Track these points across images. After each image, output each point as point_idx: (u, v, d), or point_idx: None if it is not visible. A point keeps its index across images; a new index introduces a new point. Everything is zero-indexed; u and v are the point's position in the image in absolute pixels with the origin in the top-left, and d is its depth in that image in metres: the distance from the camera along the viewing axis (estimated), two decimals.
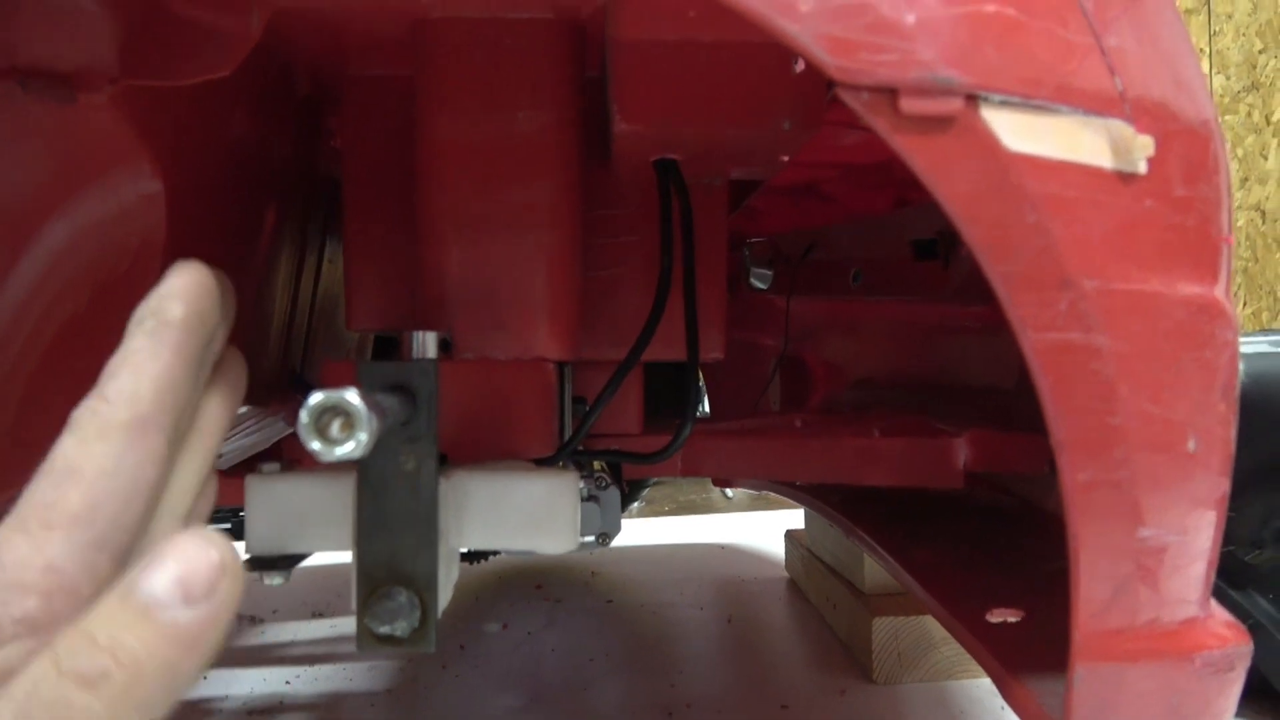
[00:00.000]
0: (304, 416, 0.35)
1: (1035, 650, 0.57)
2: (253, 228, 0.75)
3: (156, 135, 0.57)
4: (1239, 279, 3.16)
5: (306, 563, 1.16)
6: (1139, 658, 0.40)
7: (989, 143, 0.35)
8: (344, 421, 0.35)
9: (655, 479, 1.65)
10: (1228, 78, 3.20)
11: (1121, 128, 0.38)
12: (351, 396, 0.35)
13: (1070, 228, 0.36)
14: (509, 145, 0.66)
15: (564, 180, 0.68)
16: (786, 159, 0.70)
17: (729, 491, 3.68)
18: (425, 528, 0.50)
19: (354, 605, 0.51)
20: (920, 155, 0.35)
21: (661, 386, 0.89)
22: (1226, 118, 3.20)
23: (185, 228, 0.61)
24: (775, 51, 0.60)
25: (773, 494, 1.15)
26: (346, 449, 0.35)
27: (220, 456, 0.78)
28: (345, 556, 0.73)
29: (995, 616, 0.62)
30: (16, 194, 0.55)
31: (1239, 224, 3.16)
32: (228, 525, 2.91)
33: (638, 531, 1.63)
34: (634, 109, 0.62)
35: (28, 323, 0.57)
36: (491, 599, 1.23)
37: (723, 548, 1.51)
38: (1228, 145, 3.21)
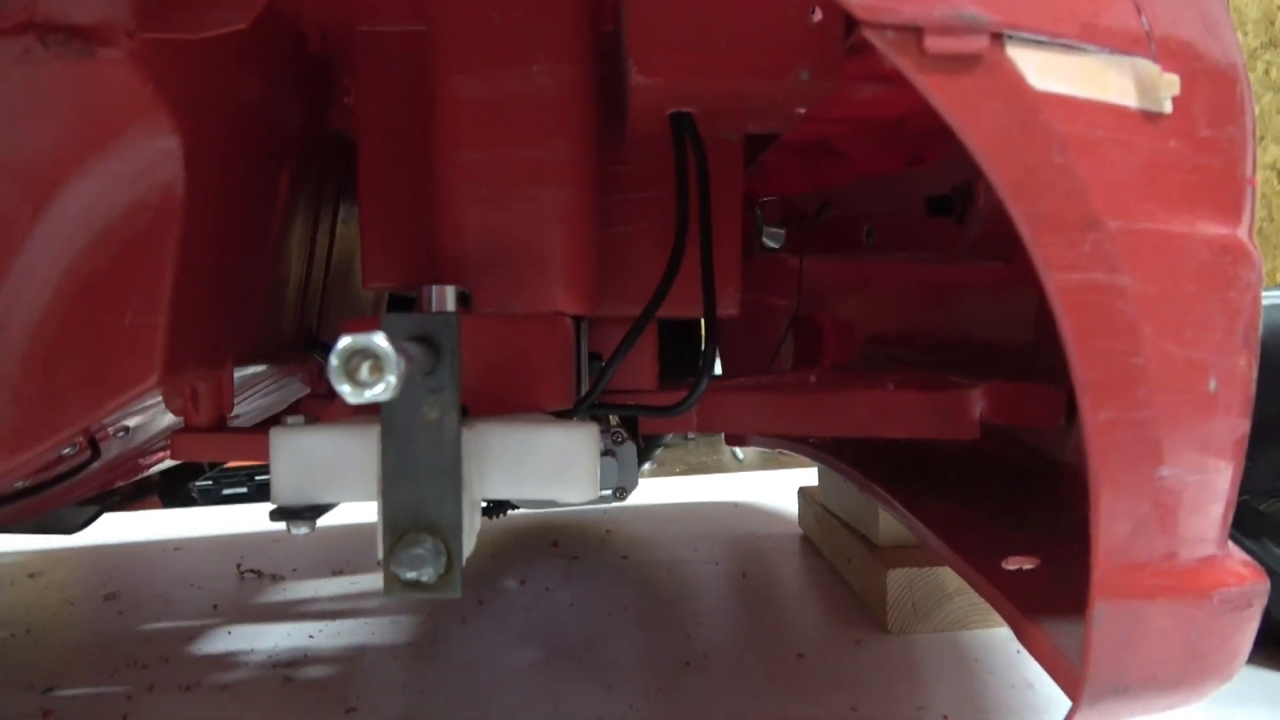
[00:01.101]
0: (334, 360, 0.35)
1: (1050, 596, 0.57)
2: (268, 187, 0.76)
3: (173, 91, 0.57)
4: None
5: (323, 521, 1.17)
6: (1158, 595, 0.40)
7: (1015, 81, 0.35)
8: (372, 365, 0.35)
9: (669, 437, 1.66)
10: (1245, 34, 3.15)
11: (1147, 66, 0.37)
12: (380, 339, 0.35)
13: (1096, 167, 0.36)
14: (524, 100, 0.66)
15: (580, 135, 0.67)
16: (803, 111, 0.69)
17: (739, 453, 3.71)
18: (449, 476, 0.51)
19: (380, 553, 0.52)
20: (945, 94, 0.35)
21: (668, 349, 0.89)
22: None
23: (203, 185, 0.61)
24: (792, 0, 0.60)
25: (784, 454, 1.16)
26: (376, 390, 0.35)
27: (238, 417, 0.79)
28: (363, 515, 0.74)
29: (1011, 564, 0.62)
30: (38, 151, 0.56)
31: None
32: (244, 489, 2.93)
33: (651, 490, 1.64)
34: (650, 61, 0.62)
35: (53, 279, 0.58)
36: (508, 556, 1.25)
37: (736, 505, 1.52)
38: None
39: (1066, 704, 0.46)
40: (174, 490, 1.26)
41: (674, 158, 0.70)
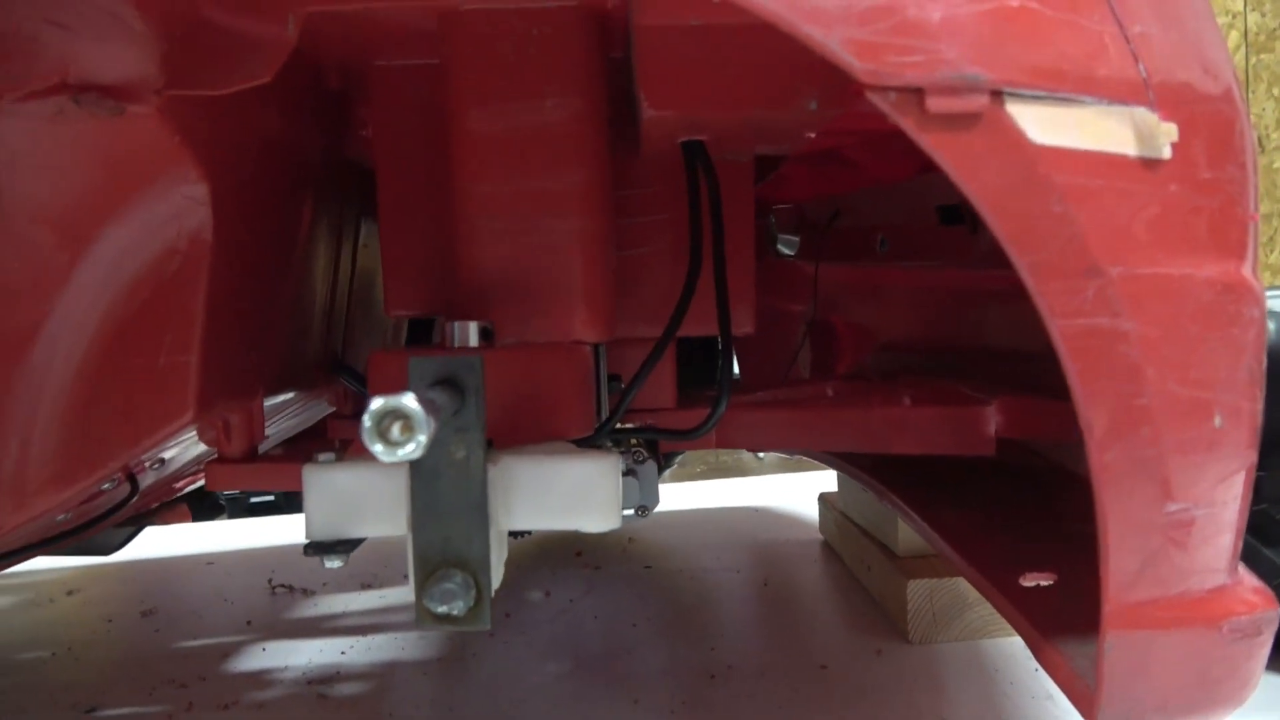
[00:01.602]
0: (367, 421, 0.37)
1: (1068, 613, 0.58)
2: (291, 219, 0.78)
3: (200, 140, 0.59)
4: (1274, 221, 3.10)
5: None
6: (1168, 626, 0.41)
7: (1015, 137, 0.36)
8: (404, 424, 0.37)
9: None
10: (1263, 15, 3.12)
11: (1145, 115, 0.38)
12: (410, 401, 0.37)
13: (1096, 216, 0.37)
14: (538, 133, 0.67)
15: (594, 165, 0.69)
16: (812, 135, 0.70)
17: (760, 454, 3.71)
18: (476, 513, 0.52)
19: (412, 588, 0.53)
20: (948, 152, 0.36)
21: (686, 358, 0.90)
22: (1262, 56, 3.12)
23: (230, 226, 0.63)
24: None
25: (804, 456, 1.17)
26: (407, 450, 0.37)
27: (266, 439, 0.81)
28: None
29: (1028, 580, 0.63)
30: (73, 202, 0.58)
31: (1276, 165, 3.10)
32: (271, 497, 2.97)
33: (671, 496, 1.66)
34: (661, 95, 0.63)
35: (90, 324, 0.60)
36: (533, 567, 1.27)
37: (756, 510, 1.53)
38: (1265, 85, 3.13)
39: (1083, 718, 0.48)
40: (202, 501, 1.29)
41: (686, 182, 0.71)
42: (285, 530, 1.61)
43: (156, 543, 1.56)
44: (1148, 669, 0.42)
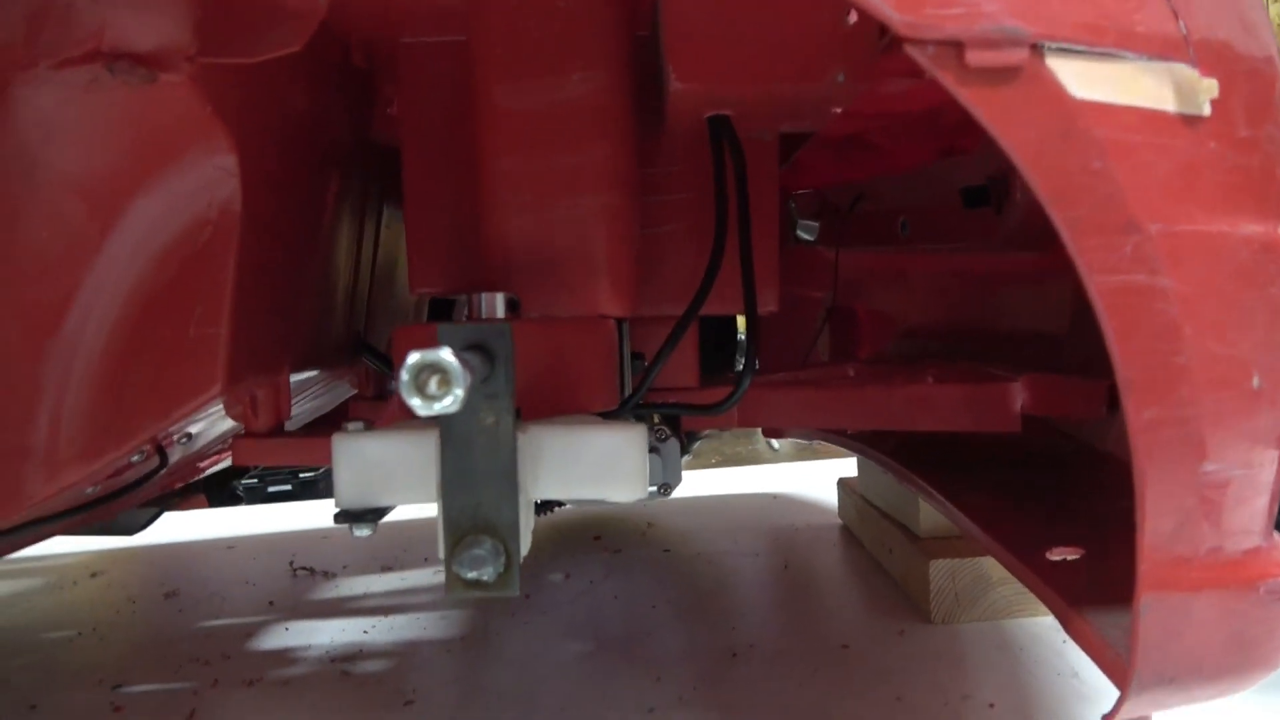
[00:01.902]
0: (404, 375, 0.37)
1: (1094, 586, 0.58)
2: (319, 197, 0.78)
3: (230, 111, 0.59)
4: None
5: None
6: (1203, 587, 0.41)
7: (1054, 91, 0.36)
8: (440, 379, 0.37)
9: (707, 431, 1.67)
10: None
11: (1185, 71, 0.38)
12: (447, 355, 0.37)
13: (1135, 172, 0.37)
14: (564, 107, 0.68)
15: (619, 139, 0.69)
16: (838, 111, 0.70)
17: (775, 443, 3.70)
18: (506, 479, 0.52)
19: (441, 554, 0.54)
20: (986, 106, 0.36)
21: (703, 345, 0.90)
22: None
23: (259, 199, 0.64)
24: (828, 4, 0.61)
25: (819, 445, 1.17)
26: (444, 403, 0.37)
27: (290, 419, 0.81)
28: (410, 514, 0.77)
29: (1055, 555, 0.63)
30: (105, 173, 0.58)
31: None
32: (288, 486, 2.98)
33: (688, 483, 1.65)
34: (689, 66, 0.63)
35: (121, 295, 0.60)
36: (553, 550, 1.27)
37: (774, 497, 1.53)
38: None
39: (1112, 693, 0.47)
40: (220, 488, 1.30)
41: (711, 159, 0.71)
42: (305, 515, 1.62)
43: (176, 527, 1.57)
44: (1183, 630, 0.41)
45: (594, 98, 0.68)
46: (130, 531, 1.12)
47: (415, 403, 0.37)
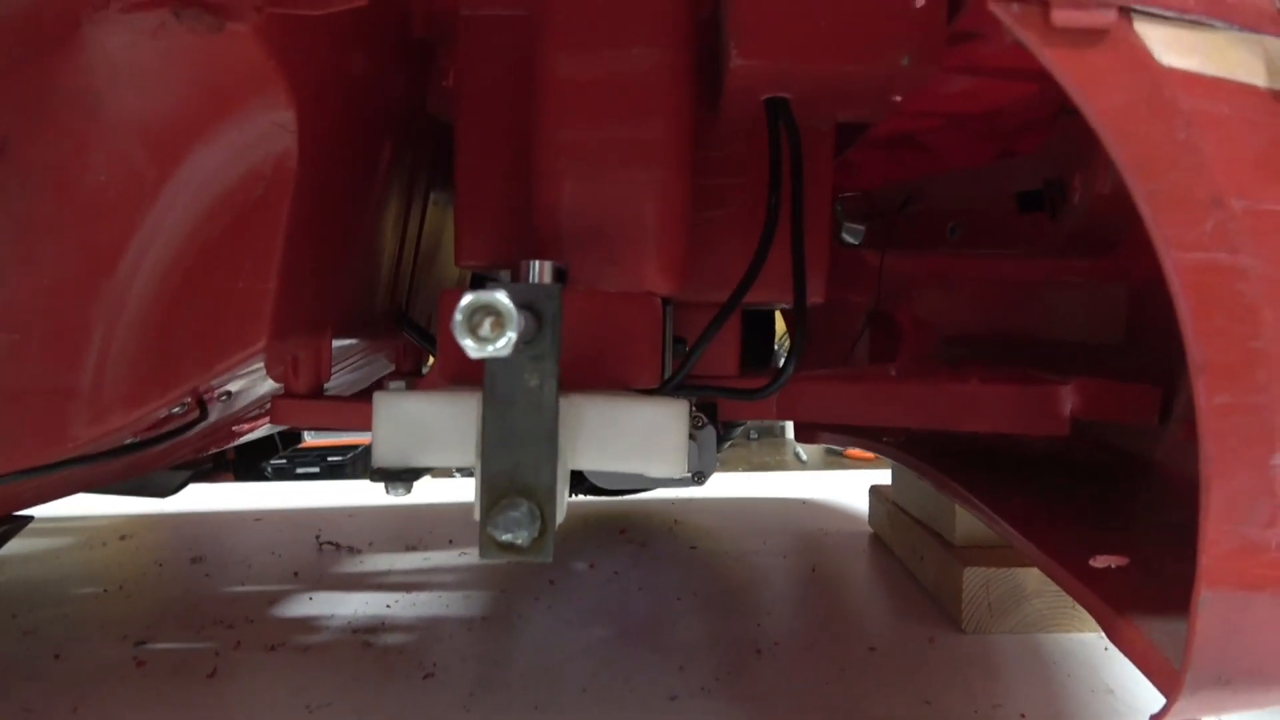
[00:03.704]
0: (458, 315, 0.37)
1: (1140, 596, 0.56)
2: (370, 163, 0.78)
3: (292, 67, 0.59)
4: None
5: (396, 501, 1.20)
6: (1267, 585, 0.40)
7: (1142, 56, 0.35)
8: (494, 321, 0.37)
9: (735, 432, 1.66)
10: None
11: (1278, 45, 0.37)
12: (502, 296, 0.37)
13: (1221, 146, 0.36)
14: (623, 81, 0.67)
15: (677, 116, 0.68)
16: (899, 99, 0.69)
17: (802, 453, 3.68)
18: (547, 441, 0.52)
19: (476, 515, 0.53)
20: (1070, 69, 0.35)
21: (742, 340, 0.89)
22: None
23: (314, 158, 0.64)
24: None
25: (849, 454, 1.15)
26: (498, 345, 0.37)
27: (326, 390, 0.81)
28: (434, 496, 0.76)
29: (1100, 562, 0.61)
30: (167, 119, 0.59)
31: None
32: (316, 469, 3.00)
33: (716, 484, 1.64)
34: (750, 43, 0.62)
35: (175, 242, 0.60)
36: (578, 541, 1.26)
37: (804, 502, 1.51)
38: None
39: (1147, 713, 0.46)
40: (248, 467, 1.31)
41: (768, 144, 0.70)
42: (332, 494, 1.62)
43: (205, 498, 1.58)
44: (1243, 629, 0.40)
45: (654, 73, 0.67)
46: (164, 493, 1.13)
47: (468, 343, 0.37)
